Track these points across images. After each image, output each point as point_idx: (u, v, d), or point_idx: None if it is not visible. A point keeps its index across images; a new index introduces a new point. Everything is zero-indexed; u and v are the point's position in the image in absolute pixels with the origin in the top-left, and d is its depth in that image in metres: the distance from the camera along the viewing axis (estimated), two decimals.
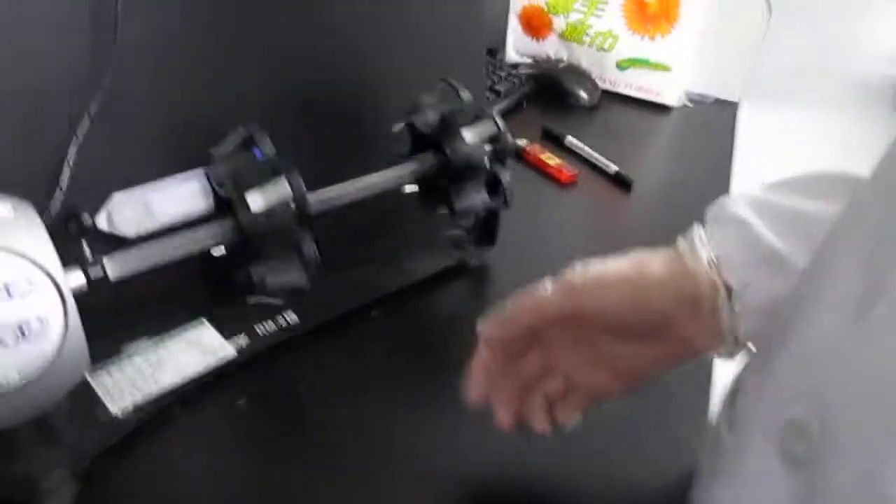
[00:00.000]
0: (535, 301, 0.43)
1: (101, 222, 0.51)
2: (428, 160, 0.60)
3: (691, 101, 1.06)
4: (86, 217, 0.43)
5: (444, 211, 0.63)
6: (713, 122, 1.04)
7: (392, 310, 0.62)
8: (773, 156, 1.18)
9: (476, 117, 0.60)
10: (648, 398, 0.51)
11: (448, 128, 0.59)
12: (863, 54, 1.32)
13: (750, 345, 0.42)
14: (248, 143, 0.49)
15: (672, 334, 0.42)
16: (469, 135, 0.59)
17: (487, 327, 0.45)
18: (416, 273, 0.65)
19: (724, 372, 0.47)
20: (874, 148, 0.34)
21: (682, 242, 0.44)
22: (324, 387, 0.55)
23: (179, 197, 0.49)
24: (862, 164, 0.36)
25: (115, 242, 0.48)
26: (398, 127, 0.61)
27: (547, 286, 0.43)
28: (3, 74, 0.47)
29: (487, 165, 0.60)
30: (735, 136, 1.00)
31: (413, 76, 0.69)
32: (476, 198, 0.61)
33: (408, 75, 0.69)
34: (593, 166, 0.87)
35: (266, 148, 0.48)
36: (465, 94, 0.59)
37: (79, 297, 0.42)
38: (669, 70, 1.01)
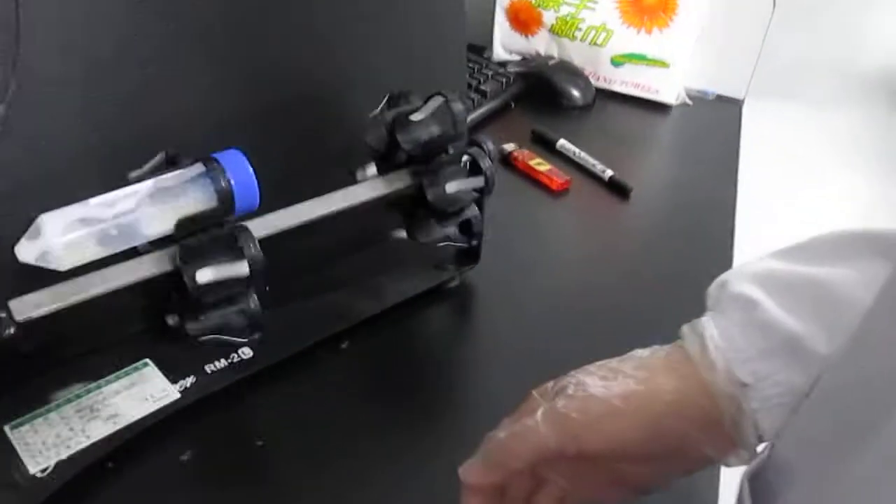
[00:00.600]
0: (526, 443, 0.36)
1: (25, 252, 0.43)
2: (399, 184, 0.53)
3: (691, 98, 0.99)
4: None
5: (402, 235, 0.56)
6: (715, 120, 0.97)
7: (363, 340, 0.56)
8: (780, 155, 1.12)
9: (466, 157, 0.54)
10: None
11: (434, 166, 0.53)
12: (868, 48, 1.26)
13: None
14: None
15: (687, 453, 0.36)
16: (453, 186, 0.52)
17: (471, 474, 0.37)
18: (390, 297, 0.58)
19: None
20: (880, 143, 0.28)
21: (689, 340, 0.37)
22: (283, 435, 0.49)
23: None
24: (870, 160, 0.30)
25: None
26: (374, 114, 0.54)
27: (537, 418, 0.36)
28: None
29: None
30: (740, 134, 0.93)
31: (391, 77, 0.62)
32: (443, 233, 0.55)
33: (385, 76, 0.62)
34: (587, 171, 0.81)
35: (222, 185, 0.41)
36: (457, 111, 0.51)
37: None
38: (668, 66, 0.95)
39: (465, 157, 0.55)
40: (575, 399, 0.36)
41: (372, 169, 0.54)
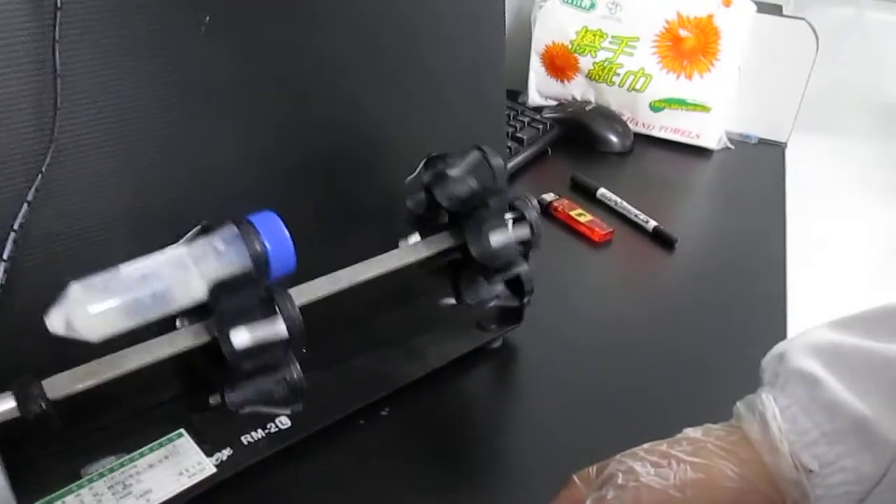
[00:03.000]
0: None
1: (56, 323, 0.42)
2: (442, 246, 0.51)
3: (733, 142, 0.97)
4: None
5: (450, 301, 0.54)
6: (759, 164, 0.95)
7: (404, 406, 0.53)
8: (827, 196, 1.09)
9: (507, 207, 0.52)
10: None
11: (474, 220, 0.50)
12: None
13: None
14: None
15: None
16: (497, 238, 0.50)
17: None
18: (432, 361, 0.56)
19: None
20: None
21: (748, 420, 0.35)
22: None
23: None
24: None
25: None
26: (411, 178, 0.53)
27: None
28: None
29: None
30: (785, 179, 0.90)
31: (429, 132, 0.61)
32: (491, 292, 0.53)
33: (423, 131, 0.61)
34: (630, 221, 0.78)
35: (257, 248, 0.40)
36: (497, 165, 0.50)
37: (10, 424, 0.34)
38: (709, 110, 0.93)
39: (507, 214, 0.52)
40: (627, 490, 0.34)
41: (415, 237, 0.53)
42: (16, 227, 0.39)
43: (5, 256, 0.39)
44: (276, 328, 0.40)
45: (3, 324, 0.41)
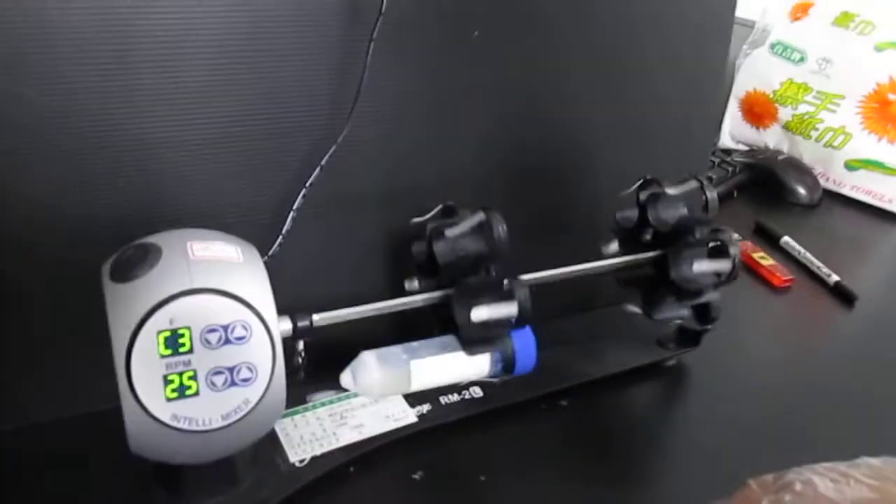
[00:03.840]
0: None
1: (345, 380, 0.49)
2: (644, 268, 0.56)
3: None
4: None
5: (637, 310, 0.59)
6: None
7: (581, 401, 0.58)
8: None
9: (714, 241, 0.55)
10: None
11: (680, 245, 0.55)
12: None
13: None
14: (482, 227, 0.48)
15: None
16: (699, 266, 0.54)
17: None
18: (611, 366, 0.60)
19: None
20: None
21: None
22: (501, 475, 0.52)
23: (437, 366, 0.47)
24: None
25: None
26: (627, 193, 0.58)
27: None
28: (251, 116, 0.49)
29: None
30: None
31: (637, 157, 0.66)
32: (678, 313, 0.57)
33: (629, 164, 0.66)
34: (811, 273, 0.80)
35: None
36: (712, 198, 0.54)
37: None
38: None
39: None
40: (805, 497, 0.36)
41: (615, 245, 0.58)
42: (307, 184, 0.48)
43: (295, 207, 0.48)
44: (510, 308, 0.46)
45: (277, 262, 0.50)
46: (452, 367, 0.47)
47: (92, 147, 0.46)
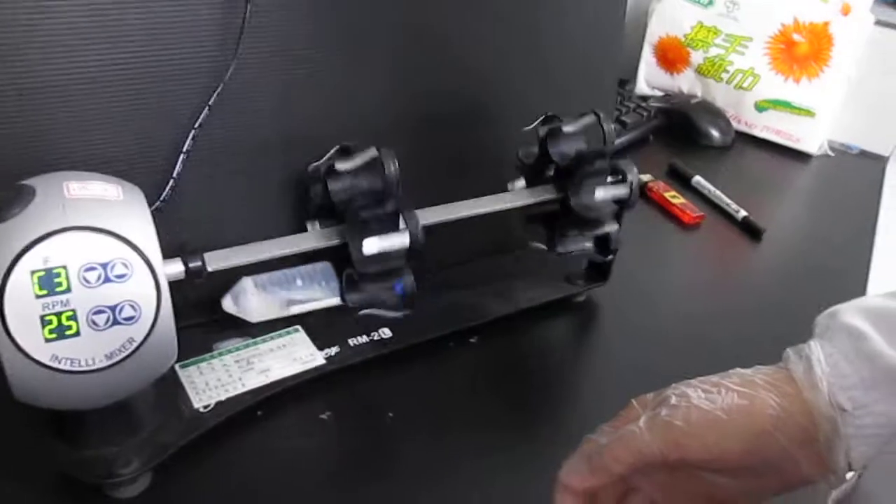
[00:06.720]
0: (629, 448, 0.38)
1: (227, 304, 0.51)
2: (545, 195, 0.57)
3: (834, 150, 0.98)
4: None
5: (542, 246, 0.59)
6: (857, 174, 0.96)
7: (491, 338, 0.59)
8: None
9: (613, 170, 0.56)
10: None
11: (579, 175, 0.55)
12: None
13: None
14: (374, 163, 0.47)
15: (783, 469, 0.37)
16: (599, 193, 0.55)
17: (573, 478, 0.39)
18: (521, 302, 0.61)
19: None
20: None
21: (794, 362, 0.38)
22: (410, 411, 0.53)
23: (310, 293, 0.48)
24: None
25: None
26: (528, 129, 0.58)
27: (640, 425, 0.38)
28: (141, 57, 0.48)
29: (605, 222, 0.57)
30: (882, 192, 0.91)
31: (542, 104, 0.66)
32: (581, 245, 0.58)
33: (536, 103, 0.66)
34: (721, 210, 0.82)
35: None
36: (609, 130, 0.55)
37: (175, 286, 0.41)
38: (813, 115, 0.94)
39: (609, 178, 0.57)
40: (678, 409, 0.38)
41: (521, 182, 0.58)
42: (195, 126, 0.47)
43: (185, 150, 0.47)
44: (402, 239, 0.46)
45: (173, 205, 0.49)
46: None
47: None
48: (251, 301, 0.48)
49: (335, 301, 0.50)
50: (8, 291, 0.35)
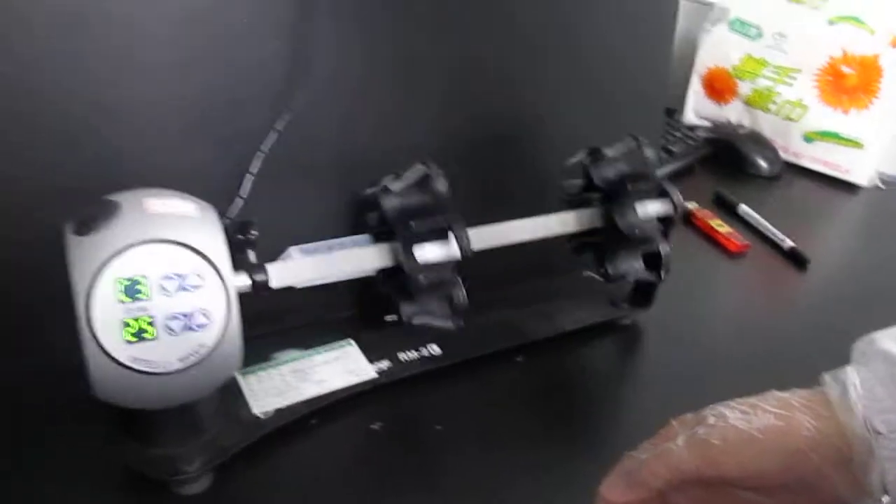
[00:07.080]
0: (667, 464, 0.39)
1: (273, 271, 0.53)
2: (591, 218, 0.59)
3: (884, 182, 0.98)
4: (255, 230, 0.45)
5: (595, 276, 0.61)
6: None
7: (536, 358, 0.61)
8: None
9: (654, 189, 0.58)
10: None
11: (622, 194, 0.57)
12: None
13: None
14: (424, 181, 0.50)
15: (818, 490, 0.38)
16: (642, 209, 0.57)
17: (613, 493, 0.40)
18: (566, 324, 0.63)
19: None
20: None
21: (831, 386, 0.39)
22: (458, 425, 0.54)
23: (352, 261, 0.51)
24: None
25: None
26: (572, 161, 0.60)
27: (679, 442, 0.39)
28: (209, 82, 0.51)
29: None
30: None
31: (589, 131, 0.68)
32: (632, 266, 0.59)
33: (583, 130, 0.68)
34: (766, 239, 0.82)
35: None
36: (650, 154, 0.56)
37: (242, 299, 0.44)
38: (862, 147, 0.95)
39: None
40: (716, 427, 0.39)
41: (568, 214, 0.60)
42: (265, 149, 0.50)
43: (252, 171, 0.50)
44: (452, 250, 0.48)
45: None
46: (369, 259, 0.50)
47: (54, 113, 0.48)
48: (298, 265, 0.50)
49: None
50: (95, 296, 0.39)
